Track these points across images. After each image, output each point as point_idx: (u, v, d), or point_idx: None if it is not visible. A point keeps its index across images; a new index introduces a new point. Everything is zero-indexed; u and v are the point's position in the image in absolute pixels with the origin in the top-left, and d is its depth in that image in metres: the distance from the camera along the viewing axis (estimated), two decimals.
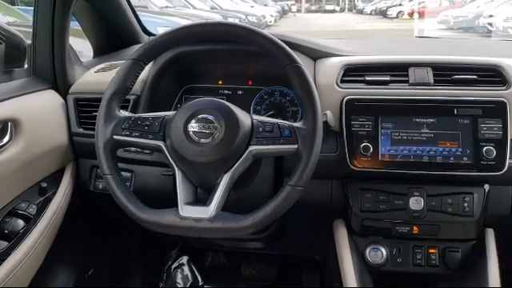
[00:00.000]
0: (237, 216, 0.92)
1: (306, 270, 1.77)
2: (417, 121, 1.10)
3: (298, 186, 0.91)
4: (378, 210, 1.13)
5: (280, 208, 0.91)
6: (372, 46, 1.56)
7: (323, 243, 1.36)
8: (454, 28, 10.61)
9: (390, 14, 16.51)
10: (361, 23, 15.97)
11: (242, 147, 0.93)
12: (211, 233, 0.92)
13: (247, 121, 0.95)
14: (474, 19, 10.33)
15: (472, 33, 9.85)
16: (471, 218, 1.11)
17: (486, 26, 9.45)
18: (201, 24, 1.02)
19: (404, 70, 1.16)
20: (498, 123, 1.07)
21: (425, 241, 1.16)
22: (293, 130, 0.93)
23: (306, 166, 0.91)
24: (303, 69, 0.95)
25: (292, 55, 0.96)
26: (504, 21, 8.80)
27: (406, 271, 1.17)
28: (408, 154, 1.09)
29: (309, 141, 0.92)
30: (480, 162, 1.06)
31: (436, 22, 11.02)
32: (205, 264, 1.87)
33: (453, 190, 1.12)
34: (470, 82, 1.12)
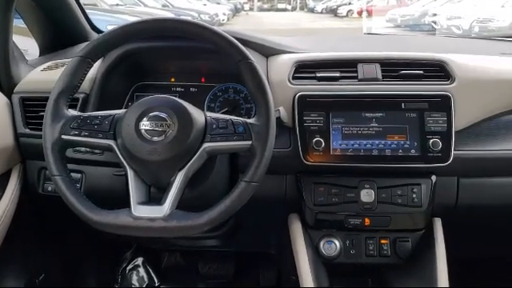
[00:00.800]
0: (192, 214, 0.91)
1: (262, 266, 1.78)
2: (366, 115, 1.13)
3: (253, 181, 0.92)
4: (330, 203, 1.16)
5: (235, 204, 0.91)
6: (322, 43, 1.58)
7: (279, 238, 1.37)
8: (402, 26, 10.98)
9: (340, 13, 16.87)
10: (312, 22, 16.23)
11: (196, 144, 0.93)
12: (166, 232, 0.91)
13: (201, 118, 0.95)
14: (420, 17, 10.72)
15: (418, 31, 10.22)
16: (420, 209, 1.15)
17: (430, 24, 9.83)
18: (150, 20, 1.00)
19: (353, 67, 1.19)
20: (443, 116, 1.11)
21: (376, 232, 1.20)
22: (246, 127, 0.94)
23: (261, 161, 0.92)
24: (255, 65, 0.96)
25: (244, 52, 0.97)
26: (447, 19, 9.17)
27: (359, 262, 1.19)
28: (358, 147, 1.12)
29: (262, 137, 0.93)
30: (427, 154, 1.10)
31: (384, 21, 11.35)
32: (161, 264, 1.85)
33: (402, 181, 1.15)
34: (416, 76, 1.16)
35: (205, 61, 1.28)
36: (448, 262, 1.14)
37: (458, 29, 8.44)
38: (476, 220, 1.29)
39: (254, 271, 1.80)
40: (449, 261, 1.14)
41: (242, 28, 11.18)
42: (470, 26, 8.22)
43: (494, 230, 1.40)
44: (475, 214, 1.24)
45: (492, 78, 1.19)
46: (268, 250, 1.60)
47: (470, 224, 1.30)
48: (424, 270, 1.15)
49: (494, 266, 1.69)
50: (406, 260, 1.18)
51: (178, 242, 1.57)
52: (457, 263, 1.20)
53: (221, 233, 1.38)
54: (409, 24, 10.85)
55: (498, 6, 8.65)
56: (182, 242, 1.57)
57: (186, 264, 1.85)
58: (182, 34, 0.99)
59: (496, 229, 1.39)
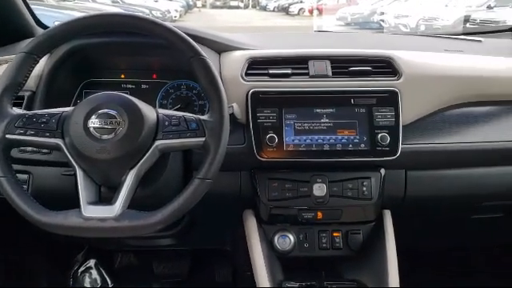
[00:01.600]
0: (144, 213, 0.90)
1: (218, 263, 1.78)
2: (317, 111, 1.15)
3: (207, 178, 0.92)
4: (284, 198, 1.17)
5: (189, 202, 0.91)
6: (274, 40, 1.60)
7: (233, 234, 1.38)
8: (352, 24, 11.24)
9: (291, 11, 17.02)
10: (264, 20, 16.29)
11: (148, 142, 0.91)
12: (118, 232, 0.90)
13: (152, 115, 0.94)
14: (369, 16, 11.01)
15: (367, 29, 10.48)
16: (370, 201, 1.18)
17: (379, 22, 10.11)
18: (100, 15, 0.97)
19: (304, 63, 1.20)
20: (391, 111, 1.14)
21: (329, 225, 1.22)
22: (200, 123, 0.93)
23: (214, 158, 0.92)
24: (208, 61, 0.95)
25: (196, 48, 0.96)
26: (395, 18, 9.47)
27: (312, 255, 1.21)
28: (310, 143, 1.14)
29: (216, 133, 0.93)
30: (376, 148, 1.13)
31: (335, 19, 11.59)
32: (114, 265, 1.81)
33: (352, 175, 1.18)
34: (364, 73, 1.19)
35: (156, 57, 1.26)
36: (398, 252, 1.18)
37: (405, 27, 8.73)
38: (424, 211, 1.34)
39: (209, 268, 1.80)
40: (399, 251, 1.18)
41: (196, 25, 11.06)
42: (416, 25, 8.52)
43: (441, 220, 1.46)
44: (423, 206, 1.29)
45: (437, 74, 1.23)
46: (223, 246, 1.60)
47: (418, 215, 1.35)
48: (374, 260, 1.18)
49: (443, 256, 1.77)
50: (358, 252, 1.21)
51: (131, 242, 1.54)
52: (407, 253, 1.24)
53: (175, 231, 1.36)
54: (358, 22, 11.12)
55: (442, 5, 9.01)
56: (135, 241, 1.54)
57: (140, 264, 1.83)
58: (133, 29, 0.98)
59: (443, 220, 1.45)
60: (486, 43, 1.58)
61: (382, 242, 1.19)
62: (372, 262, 1.19)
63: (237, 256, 1.51)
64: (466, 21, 6.49)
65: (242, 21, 15.81)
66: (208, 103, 1.03)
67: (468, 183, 1.26)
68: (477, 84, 1.25)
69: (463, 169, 1.25)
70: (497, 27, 1.81)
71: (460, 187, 1.26)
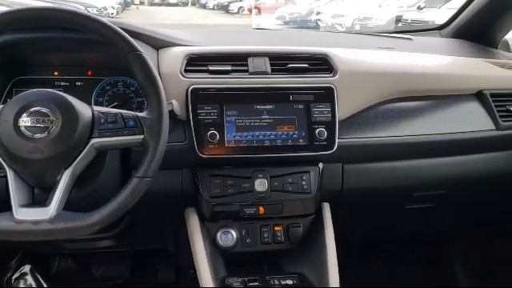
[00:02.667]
0: (81, 214, 0.87)
1: (160, 262, 1.76)
2: (258, 107, 1.16)
3: (146, 176, 0.90)
4: (226, 195, 1.17)
5: (128, 201, 0.89)
6: (214, 36, 1.59)
7: (176, 233, 1.36)
8: (290, 23, 11.40)
9: (231, 10, 17.01)
10: (204, 18, 16.18)
11: (83, 141, 0.89)
12: (53, 235, 0.86)
13: (87, 112, 0.91)
14: (307, 15, 11.23)
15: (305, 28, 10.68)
16: (309, 195, 1.20)
17: (316, 21, 10.35)
18: (29, 9, 0.93)
19: (244, 60, 1.21)
20: (328, 107, 1.17)
21: (271, 220, 1.23)
22: (138, 120, 0.92)
23: (154, 156, 0.91)
24: (145, 57, 0.94)
25: (132, 43, 0.94)
26: (332, 17, 9.73)
27: (255, 250, 1.22)
28: (251, 139, 1.15)
29: (155, 130, 0.91)
30: (314, 143, 1.16)
31: (274, 18, 11.72)
32: (51, 270, 1.74)
33: (292, 170, 1.20)
34: (302, 70, 1.21)
35: (91, 53, 1.22)
36: (338, 243, 1.21)
37: (341, 27, 8.99)
38: (361, 203, 1.38)
39: (151, 269, 1.77)
40: (339, 242, 1.21)
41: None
42: (352, 24, 8.80)
43: (377, 211, 1.51)
44: (359, 198, 1.34)
45: (370, 70, 1.28)
46: (166, 246, 1.58)
47: (356, 207, 1.40)
48: (314, 252, 1.21)
49: (380, 245, 1.84)
50: (299, 244, 1.24)
51: (68, 245, 1.48)
52: (346, 244, 1.28)
53: (115, 232, 1.33)
54: (297, 21, 11.31)
55: (376, 5, 9.36)
56: (72, 244, 1.48)
57: (78, 268, 1.76)
58: (67, 24, 0.94)
59: (379, 211, 1.51)
60: (416, 41, 1.66)
61: (322, 234, 1.22)
62: (312, 253, 1.22)
63: (180, 255, 1.49)
64: (398, 20, 6.79)
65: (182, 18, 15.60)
66: (146, 100, 1.01)
67: (401, 175, 1.32)
68: (407, 80, 1.32)
69: (396, 161, 1.31)
70: (426, 26, 1.90)
71: (394, 179, 1.32)
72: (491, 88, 1.38)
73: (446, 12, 1.81)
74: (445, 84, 1.36)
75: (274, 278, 1.16)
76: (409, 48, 1.56)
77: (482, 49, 1.65)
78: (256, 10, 13.11)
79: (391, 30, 2.00)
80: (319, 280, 1.16)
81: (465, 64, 1.49)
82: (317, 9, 10.98)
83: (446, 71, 1.42)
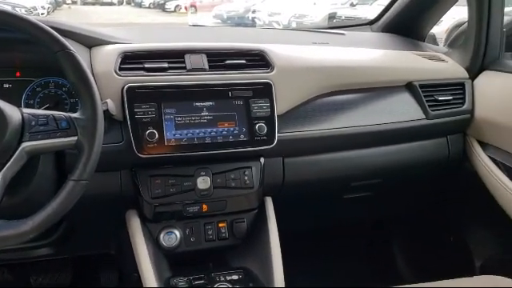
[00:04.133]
0: (12, 222, 0.83)
1: (103, 267, 1.71)
2: (197, 105, 1.15)
3: (82, 179, 0.87)
4: (168, 195, 1.15)
5: (64, 206, 0.86)
6: (149, 34, 1.56)
7: (118, 237, 1.33)
8: (227, 22, 11.41)
9: (168, 8, 16.78)
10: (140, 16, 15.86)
11: (13, 145, 0.84)
12: None
13: (16, 115, 0.86)
14: (244, 13, 11.28)
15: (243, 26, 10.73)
16: (252, 190, 1.21)
17: (253, 19, 10.42)
18: None
19: (181, 57, 1.20)
20: (267, 102, 1.19)
21: (214, 217, 1.23)
22: (71, 121, 0.89)
23: (89, 157, 0.88)
24: (76, 55, 0.91)
25: (63, 41, 0.91)
26: (269, 15, 9.84)
27: (199, 248, 1.22)
28: (192, 136, 1.14)
29: (89, 131, 0.89)
30: (255, 138, 1.17)
31: (211, 17, 11.68)
32: None
33: (234, 166, 1.20)
34: (240, 66, 1.22)
35: (19, 53, 1.16)
36: (282, 236, 1.23)
37: (278, 24, 9.11)
38: (302, 195, 1.41)
39: (93, 275, 1.71)
40: (283, 235, 1.23)
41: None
42: (288, 22, 8.94)
43: (318, 203, 1.55)
44: (301, 190, 1.36)
45: (306, 65, 1.31)
46: (108, 250, 1.54)
47: (298, 199, 1.43)
48: (259, 246, 1.22)
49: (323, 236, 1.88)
50: (243, 240, 1.24)
51: (2, 255, 1.40)
52: (290, 237, 1.30)
53: (52, 239, 1.28)
54: (234, 20, 11.33)
55: (311, 3, 9.57)
56: (7, 254, 1.41)
57: (15, 279, 1.67)
58: None
59: (320, 202, 1.55)
60: (348, 36, 1.72)
61: (265, 228, 1.23)
62: (256, 248, 1.23)
63: (122, 259, 1.46)
64: (333, 17, 7.00)
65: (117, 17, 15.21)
66: (79, 101, 0.97)
67: (339, 166, 1.36)
68: (342, 73, 1.36)
69: (334, 153, 1.35)
70: (358, 22, 1.97)
71: (332, 170, 1.36)
72: (420, 79, 1.44)
73: (377, 8, 1.89)
74: (377, 76, 1.42)
75: (219, 275, 1.16)
76: (342, 43, 1.61)
77: (410, 42, 1.73)
78: (193, 9, 13.01)
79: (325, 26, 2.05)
80: (264, 273, 1.17)
81: (395, 57, 1.55)
82: (253, 7, 11.06)
83: (378, 64, 1.47)
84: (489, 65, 1.49)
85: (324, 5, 9.29)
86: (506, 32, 1.50)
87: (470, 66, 1.51)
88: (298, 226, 1.64)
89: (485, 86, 1.47)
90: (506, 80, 1.41)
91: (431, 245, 1.84)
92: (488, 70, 1.49)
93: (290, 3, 10.01)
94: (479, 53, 1.48)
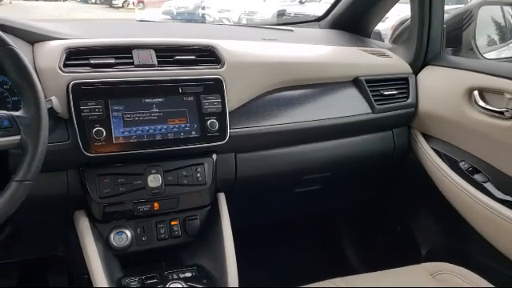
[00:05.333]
0: None
1: (51, 270, 1.65)
2: (146, 101, 1.13)
3: (26, 180, 0.85)
4: (117, 194, 1.12)
5: (7, 208, 0.83)
6: (95, 29, 1.52)
7: (66, 238, 1.29)
8: (178, 18, 11.26)
9: (115, 4, 16.36)
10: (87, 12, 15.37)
11: None
12: None
13: None
14: (194, 9, 11.17)
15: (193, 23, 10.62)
16: (204, 186, 1.20)
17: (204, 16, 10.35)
18: None
19: (128, 53, 1.17)
20: (218, 98, 1.19)
21: (166, 215, 1.21)
22: (13, 120, 0.85)
23: (34, 157, 0.85)
24: (17, 51, 0.87)
25: (2, 37, 0.88)
26: (218, 12, 9.80)
27: (151, 248, 1.20)
28: (141, 134, 1.12)
29: (33, 130, 0.86)
30: (206, 135, 1.16)
31: (160, 13, 11.48)
32: None
33: (186, 162, 1.19)
34: (189, 62, 1.21)
35: None
36: (235, 232, 1.23)
37: (228, 21, 9.09)
38: (255, 190, 1.42)
39: (41, 279, 1.65)
40: (236, 231, 1.23)
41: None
42: (238, 19, 8.94)
43: (271, 197, 1.57)
44: (253, 185, 1.37)
45: (256, 61, 1.32)
46: (56, 253, 1.49)
47: (250, 195, 1.44)
48: (212, 243, 1.22)
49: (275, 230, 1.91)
50: (197, 237, 1.24)
51: None
52: (244, 232, 1.31)
53: None
54: (184, 16, 11.20)
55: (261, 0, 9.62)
56: None
57: None
58: None
59: (272, 196, 1.57)
60: (297, 32, 1.74)
61: (219, 224, 1.23)
62: (210, 244, 1.23)
63: (72, 261, 1.41)
64: (282, 14, 7.06)
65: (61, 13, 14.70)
66: (22, 98, 0.93)
67: (290, 160, 1.38)
68: (291, 69, 1.38)
69: (286, 147, 1.36)
70: (306, 18, 2.00)
71: (284, 164, 1.38)
72: (366, 74, 1.49)
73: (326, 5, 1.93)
74: (325, 72, 1.44)
75: (172, 273, 1.15)
76: (290, 39, 1.63)
77: (356, 38, 1.78)
78: (141, 5, 12.75)
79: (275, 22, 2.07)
80: (218, 270, 1.18)
81: (342, 53, 1.59)
82: (203, 3, 10.98)
83: (326, 60, 1.51)
84: (431, 60, 1.55)
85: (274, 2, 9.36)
86: (447, 28, 1.57)
87: (413, 62, 1.57)
88: (251, 221, 1.65)
89: (427, 80, 1.53)
90: (446, 74, 1.48)
91: (380, 235, 1.90)
92: (430, 65, 1.55)
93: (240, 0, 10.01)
94: (422, 48, 1.54)
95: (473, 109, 1.34)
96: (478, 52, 1.58)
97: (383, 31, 2.08)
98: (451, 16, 1.64)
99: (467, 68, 1.40)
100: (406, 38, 1.65)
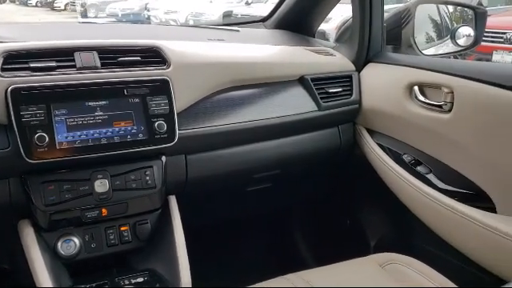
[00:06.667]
0: None
1: None
2: (90, 104, 1.10)
3: None
4: (63, 201, 1.09)
5: None
6: (35, 32, 1.47)
7: (10, 250, 1.24)
8: (123, 20, 11.05)
9: (57, 6, 15.86)
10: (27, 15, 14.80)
11: None
12: None
13: None
14: (140, 11, 11.01)
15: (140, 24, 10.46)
16: (154, 190, 1.19)
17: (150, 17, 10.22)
18: None
19: (70, 55, 1.14)
20: (165, 99, 1.17)
21: (116, 220, 1.19)
22: None
23: None
24: None
25: None
26: (165, 13, 9.70)
27: (101, 254, 1.17)
28: (86, 138, 1.09)
29: None
30: (154, 137, 1.15)
31: (105, 14, 11.23)
32: None
33: (134, 166, 1.17)
34: (134, 63, 1.19)
35: None
36: (188, 234, 1.22)
37: (175, 22, 9.02)
38: (207, 191, 1.42)
39: None
40: (189, 233, 1.23)
41: None
42: (185, 20, 8.89)
43: (223, 197, 1.57)
44: (205, 186, 1.37)
45: (203, 62, 1.31)
46: (1, 264, 1.42)
47: (202, 196, 1.43)
48: (164, 246, 1.21)
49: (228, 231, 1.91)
50: (148, 241, 1.22)
51: None
52: (197, 234, 1.30)
53: None
54: (129, 18, 11.00)
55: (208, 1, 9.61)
56: None
57: None
58: None
59: (225, 196, 1.57)
60: (243, 32, 1.76)
61: (170, 227, 1.22)
62: (162, 248, 1.21)
63: (18, 273, 1.35)
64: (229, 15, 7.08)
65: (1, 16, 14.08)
66: None
67: (241, 159, 1.39)
68: (238, 69, 1.38)
69: (236, 147, 1.37)
70: (252, 19, 2.02)
71: (234, 164, 1.38)
72: (311, 73, 1.52)
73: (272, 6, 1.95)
74: (271, 71, 1.46)
75: (123, 279, 1.13)
76: (237, 39, 1.64)
77: (301, 38, 1.81)
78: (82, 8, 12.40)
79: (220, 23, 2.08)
80: (171, 273, 1.16)
81: (287, 52, 1.61)
82: (149, 5, 10.84)
83: (272, 60, 1.52)
84: (373, 57, 1.60)
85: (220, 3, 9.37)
86: (387, 27, 1.62)
87: (356, 60, 1.61)
88: (203, 222, 1.65)
89: (370, 77, 1.58)
90: (387, 71, 1.53)
91: (330, 230, 1.95)
92: (372, 63, 1.60)
93: (187, 1, 9.95)
94: (363, 47, 1.58)
95: (413, 103, 1.40)
96: (417, 49, 1.65)
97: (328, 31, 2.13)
98: (391, 15, 1.70)
99: (407, 64, 1.46)
100: (348, 37, 1.70)
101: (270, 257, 2.00)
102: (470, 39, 1.61)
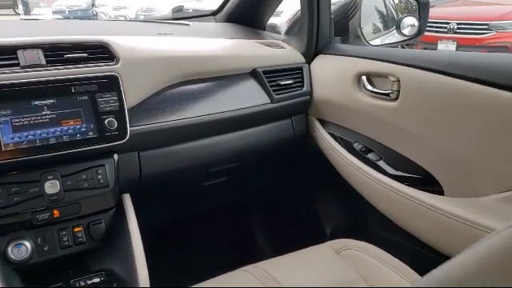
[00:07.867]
0: None
1: None
2: (36, 104, 1.07)
3: None
4: (13, 204, 1.06)
5: None
6: None
7: None
8: (70, 17, 10.70)
9: None
10: None
11: None
12: None
13: None
14: (88, 8, 10.68)
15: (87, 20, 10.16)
16: (107, 189, 1.17)
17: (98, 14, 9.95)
18: None
19: (13, 53, 1.10)
20: (114, 96, 1.15)
21: (69, 221, 1.16)
22: None
23: None
24: None
25: None
26: (114, 9, 9.48)
27: (55, 257, 1.14)
28: (33, 138, 1.06)
29: None
30: (105, 134, 1.13)
31: (51, 12, 10.84)
32: None
33: (85, 165, 1.15)
34: (81, 60, 1.16)
35: None
36: (145, 232, 1.21)
37: (124, 18, 8.83)
38: (162, 188, 1.41)
39: None
40: (145, 231, 1.21)
41: None
42: (135, 16, 8.72)
43: (179, 193, 1.56)
44: (160, 183, 1.36)
45: (152, 56, 1.30)
46: None
47: (158, 192, 1.42)
48: (120, 246, 1.19)
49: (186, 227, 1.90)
50: (103, 241, 1.20)
51: None
52: (154, 231, 1.29)
53: None
54: (77, 15, 10.67)
55: None
56: None
57: None
58: None
59: (181, 192, 1.56)
60: (193, 26, 1.74)
61: (125, 226, 1.20)
62: (118, 247, 1.20)
63: None
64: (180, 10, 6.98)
65: None
66: None
67: (196, 154, 1.39)
68: (189, 63, 1.37)
69: (190, 142, 1.36)
70: (202, 12, 2.01)
71: (190, 159, 1.38)
72: (263, 66, 1.53)
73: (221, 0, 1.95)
74: (223, 65, 1.46)
75: (79, 280, 1.11)
76: (187, 33, 1.63)
77: (252, 31, 1.82)
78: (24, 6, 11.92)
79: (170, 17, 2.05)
80: (127, 272, 1.15)
81: (238, 46, 1.62)
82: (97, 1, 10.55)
83: (223, 53, 1.52)
84: (322, 49, 1.63)
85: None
86: (334, 18, 1.66)
87: (305, 52, 1.64)
88: (160, 219, 1.63)
89: (319, 68, 1.61)
90: (336, 62, 1.56)
91: (287, 220, 1.98)
92: (322, 54, 1.63)
93: None
94: (312, 39, 1.61)
95: (362, 93, 1.43)
96: (364, 39, 1.69)
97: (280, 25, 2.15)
98: (338, 6, 1.73)
99: (355, 55, 1.49)
100: (297, 29, 1.72)
101: (229, 250, 2.01)
102: (415, 29, 1.67)
